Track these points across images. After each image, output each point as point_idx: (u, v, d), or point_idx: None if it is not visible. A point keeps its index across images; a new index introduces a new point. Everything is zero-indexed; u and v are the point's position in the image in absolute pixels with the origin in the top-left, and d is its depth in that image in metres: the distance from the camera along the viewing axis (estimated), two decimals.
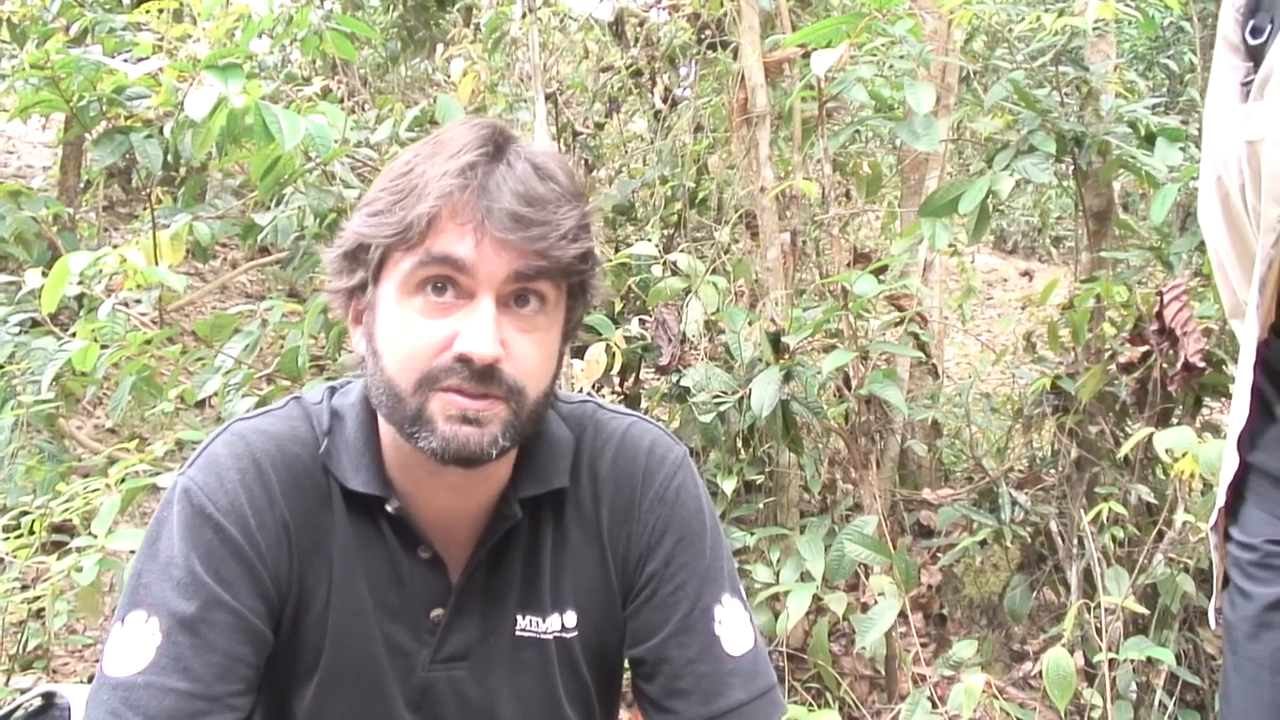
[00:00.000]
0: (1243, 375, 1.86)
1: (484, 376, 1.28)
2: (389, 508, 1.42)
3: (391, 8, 7.49)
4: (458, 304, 1.29)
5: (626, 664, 1.59)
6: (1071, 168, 3.84)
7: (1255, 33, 1.80)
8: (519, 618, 1.49)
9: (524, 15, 4.53)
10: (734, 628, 1.50)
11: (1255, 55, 1.80)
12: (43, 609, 3.29)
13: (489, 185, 1.27)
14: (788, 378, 3.44)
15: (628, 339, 3.72)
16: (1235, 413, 1.89)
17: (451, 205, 1.26)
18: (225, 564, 1.34)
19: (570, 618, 1.51)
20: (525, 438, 1.40)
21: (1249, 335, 1.83)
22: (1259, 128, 1.72)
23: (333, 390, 1.52)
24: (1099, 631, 3.15)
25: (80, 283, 3.24)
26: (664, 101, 5.05)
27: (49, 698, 1.84)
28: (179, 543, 1.34)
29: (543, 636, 1.49)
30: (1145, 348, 3.47)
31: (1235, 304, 1.89)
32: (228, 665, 1.31)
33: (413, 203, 1.28)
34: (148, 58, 3.63)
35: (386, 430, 1.42)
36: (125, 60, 3.58)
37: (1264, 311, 1.80)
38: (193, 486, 1.37)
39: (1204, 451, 2.62)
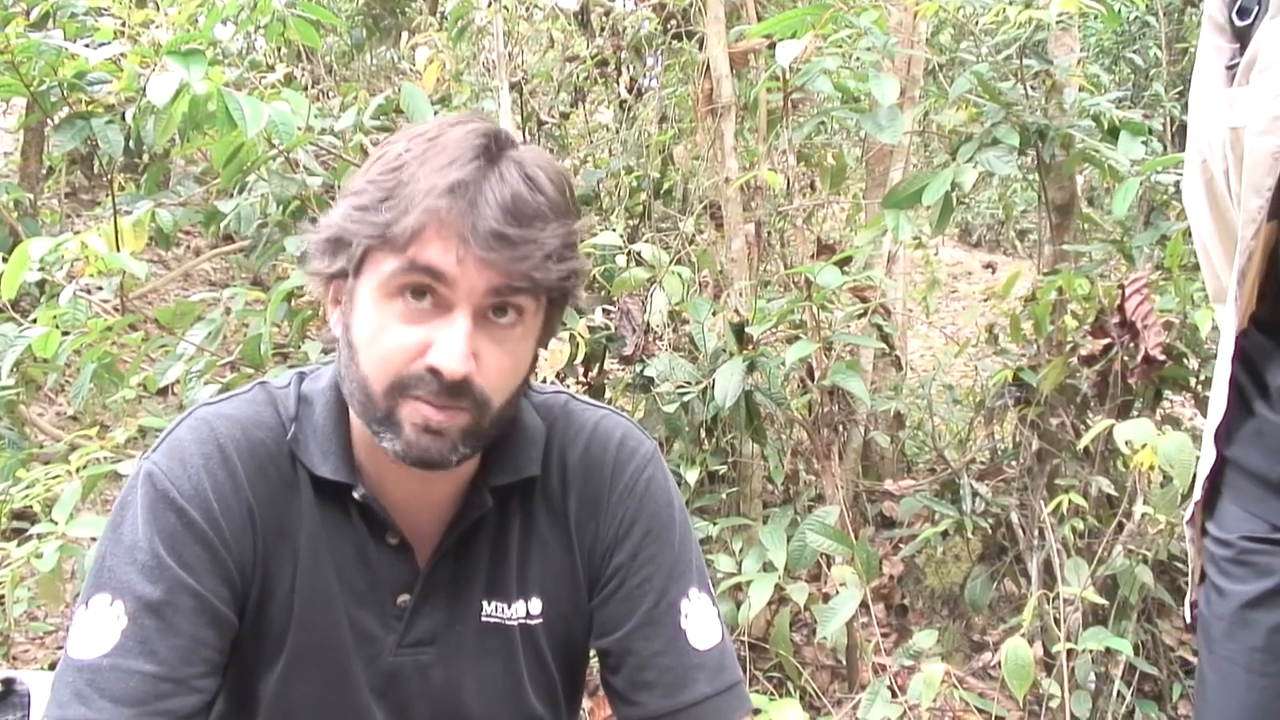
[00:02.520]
0: (1221, 367, 1.84)
1: (453, 391, 1.29)
2: (356, 495, 1.42)
3: None
4: (435, 312, 1.28)
5: (593, 655, 1.60)
6: (1035, 161, 3.86)
7: (1242, 13, 1.76)
8: (485, 604, 1.49)
9: (489, 4, 4.51)
10: (700, 622, 1.51)
11: (1242, 37, 1.77)
12: (2, 596, 3.27)
13: (478, 201, 1.25)
14: (751, 368, 3.45)
15: (592, 329, 3.71)
16: (1214, 405, 1.86)
17: (438, 220, 1.25)
18: (188, 548, 1.34)
19: (535, 605, 1.51)
20: (487, 443, 1.40)
21: (1227, 327, 1.81)
22: (1243, 114, 1.69)
23: (301, 376, 1.51)
24: (1057, 622, 3.17)
25: (41, 269, 3.22)
26: (629, 91, 5.05)
27: (8, 684, 1.83)
28: (142, 526, 1.34)
29: (508, 623, 1.50)
30: (1106, 340, 3.49)
31: (1219, 289, 1.87)
32: (192, 648, 1.31)
33: (399, 207, 1.26)
34: (109, 43, 3.61)
35: (356, 418, 1.42)
36: (87, 45, 3.55)
37: (1243, 303, 1.78)
38: (156, 471, 1.37)
39: (1164, 444, 2.64)
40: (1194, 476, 1.97)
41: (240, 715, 1.46)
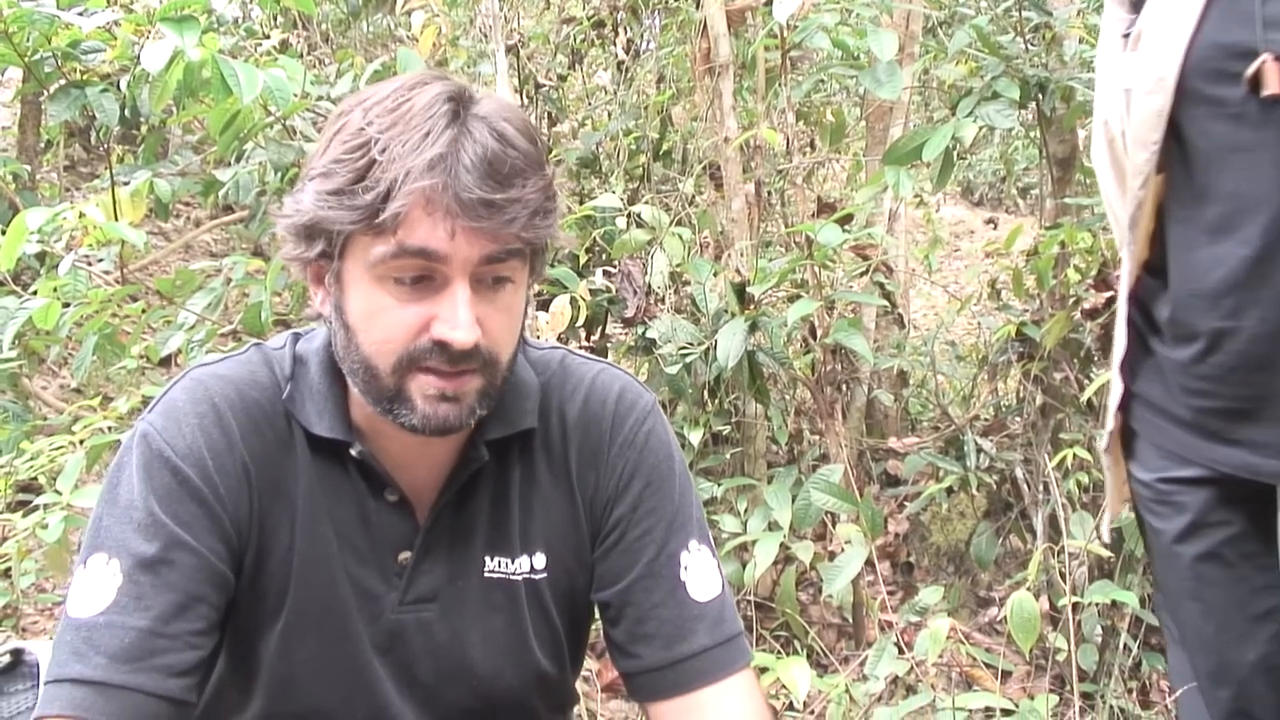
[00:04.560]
0: (1121, 307, 2.07)
1: (463, 358, 1.30)
2: (353, 452, 1.42)
3: None
4: (432, 286, 1.29)
5: (596, 610, 1.60)
6: (1036, 115, 3.84)
7: None
8: (487, 559, 1.50)
9: None
10: (700, 574, 1.51)
11: (1137, 7, 1.95)
12: (9, 568, 3.28)
13: (457, 171, 1.24)
14: (753, 328, 3.44)
15: (593, 291, 3.71)
16: (1116, 342, 2.09)
17: (423, 199, 1.24)
18: (184, 505, 1.35)
19: (539, 559, 1.51)
20: (500, 399, 1.41)
21: (1125, 270, 2.04)
22: (1132, 77, 1.90)
23: (297, 336, 1.51)
24: (1063, 576, 3.17)
25: (40, 240, 3.21)
26: (627, 53, 5.02)
27: (17, 654, 1.83)
28: (138, 485, 1.35)
29: (512, 577, 1.50)
30: (1109, 293, 3.47)
31: (1122, 238, 2.06)
32: (188, 604, 1.32)
33: (379, 190, 1.24)
34: (102, 10, 3.59)
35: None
36: (80, 14, 3.53)
37: (1137, 248, 1.99)
38: (150, 431, 1.38)
39: None
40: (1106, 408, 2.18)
41: (242, 677, 1.47)
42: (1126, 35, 1.95)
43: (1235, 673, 1.99)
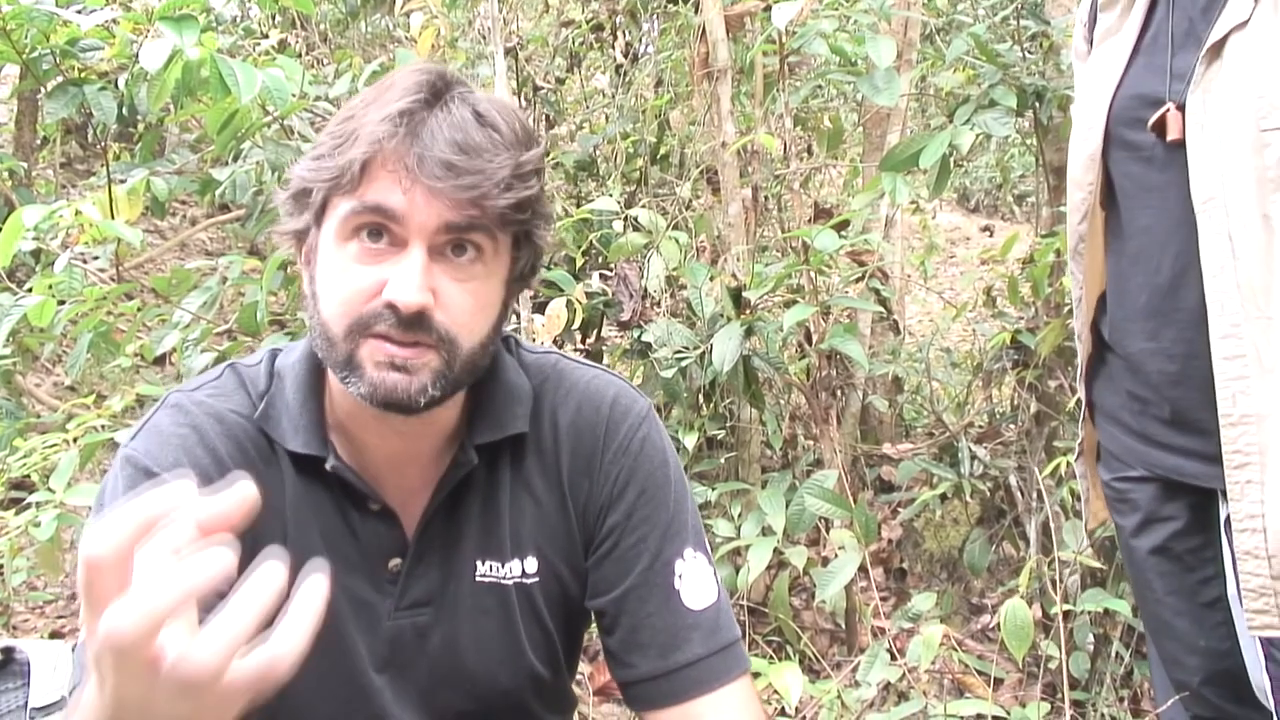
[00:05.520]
0: (1077, 327, 2.29)
1: (412, 324, 1.28)
2: (327, 466, 1.42)
3: None
4: (391, 251, 1.29)
5: (592, 615, 1.60)
6: (1033, 123, 3.85)
7: (1091, 44, 2.18)
8: (478, 563, 1.49)
9: None
10: (695, 582, 1.50)
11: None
12: (1, 565, 3.27)
13: (421, 133, 1.26)
14: (749, 333, 3.44)
15: (589, 294, 3.71)
16: (1079, 357, 2.29)
17: (383, 153, 1.26)
18: None
19: (531, 564, 1.51)
20: (460, 388, 1.39)
21: (1073, 298, 2.30)
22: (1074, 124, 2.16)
23: (275, 353, 1.52)
24: (1054, 584, 3.17)
25: (36, 238, 3.21)
26: (625, 56, 5.03)
27: (8, 653, 1.83)
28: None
29: (503, 582, 1.50)
30: None
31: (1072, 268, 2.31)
32: None
33: (348, 148, 1.28)
34: (101, 8, 3.58)
35: (333, 375, 1.41)
36: (79, 11, 3.53)
37: (1086, 278, 2.20)
38: (134, 454, 1.39)
39: None
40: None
41: None
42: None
43: (1190, 658, 2.13)
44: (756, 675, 2.49)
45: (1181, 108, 1.88)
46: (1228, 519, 1.89)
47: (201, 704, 0.87)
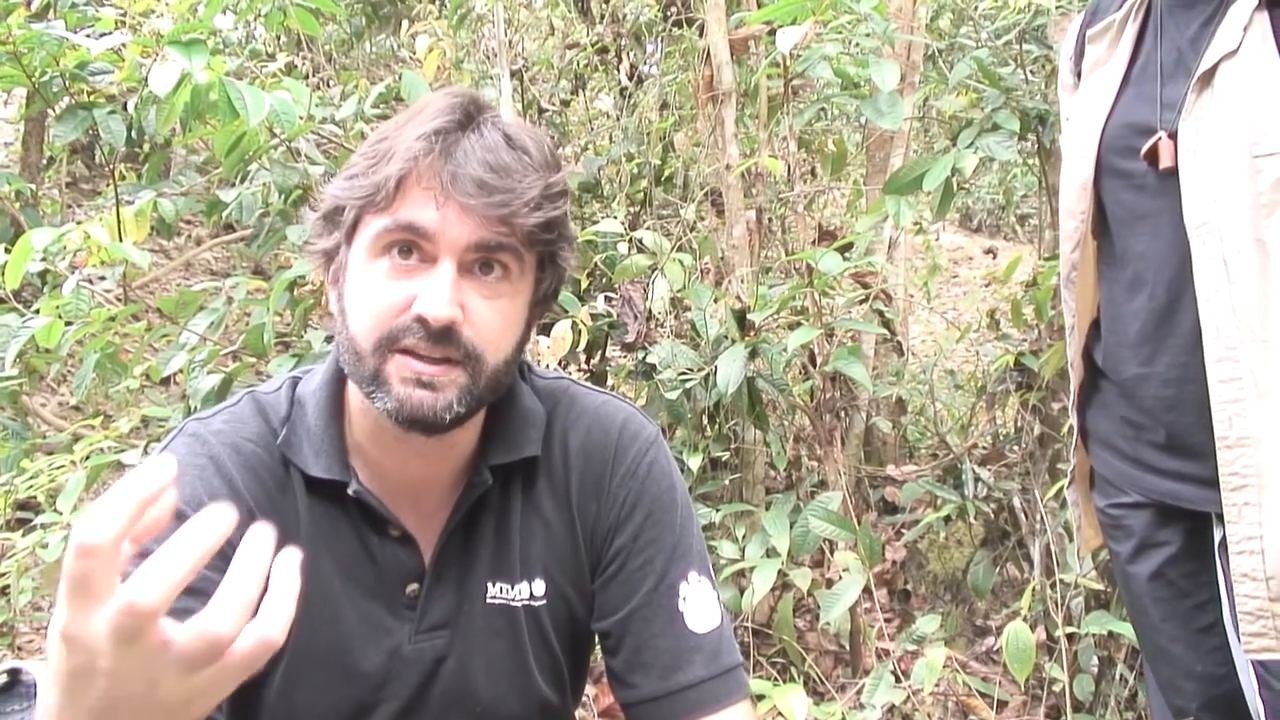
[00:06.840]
0: (1069, 354, 2.32)
1: (440, 338, 1.30)
2: (350, 491, 1.42)
3: None
4: (421, 267, 1.31)
5: (596, 639, 1.60)
6: (1035, 146, 3.86)
7: (1080, 77, 2.22)
8: (490, 585, 1.50)
9: None
10: (699, 605, 1.51)
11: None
12: (7, 586, 3.28)
13: (455, 152, 1.30)
14: (753, 355, 3.45)
15: (594, 316, 3.71)
16: (1072, 384, 2.34)
17: (417, 170, 1.29)
18: None
19: (539, 586, 1.52)
20: (483, 405, 1.41)
21: (1067, 326, 2.31)
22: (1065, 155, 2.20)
23: (295, 380, 1.53)
24: (1056, 606, 3.18)
25: (44, 259, 3.22)
26: (630, 79, 5.04)
27: (14, 674, 1.83)
28: None
29: (512, 604, 1.51)
30: None
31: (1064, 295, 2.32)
32: None
33: (383, 166, 1.30)
34: (111, 33, 3.61)
35: (355, 397, 1.43)
36: (88, 35, 3.55)
37: (1078, 305, 2.23)
38: None
39: None
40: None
41: (242, 718, 1.46)
42: (1069, 118, 2.22)
43: (1187, 684, 2.14)
44: (761, 697, 2.50)
45: (1173, 136, 1.91)
46: (1222, 542, 1.91)
47: (205, 681, 0.89)
